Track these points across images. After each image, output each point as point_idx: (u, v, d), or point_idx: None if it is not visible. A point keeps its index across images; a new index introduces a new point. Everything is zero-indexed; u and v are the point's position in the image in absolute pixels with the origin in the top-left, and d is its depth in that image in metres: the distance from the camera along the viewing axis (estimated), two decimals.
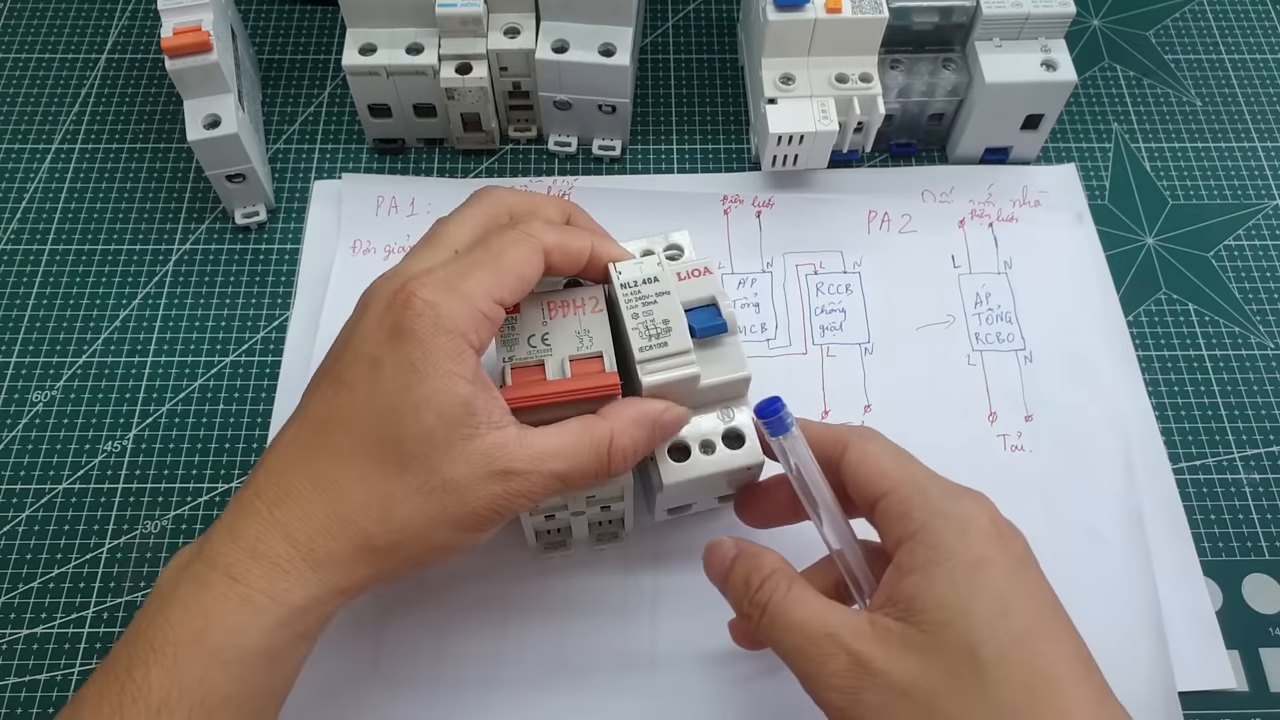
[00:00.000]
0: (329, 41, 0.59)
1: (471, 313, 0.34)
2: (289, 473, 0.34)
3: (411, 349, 0.34)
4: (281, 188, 0.54)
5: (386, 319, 0.34)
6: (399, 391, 0.34)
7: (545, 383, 0.37)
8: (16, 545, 0.44)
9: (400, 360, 0.34)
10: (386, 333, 0.34)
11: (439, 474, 0.34)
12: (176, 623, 0.32)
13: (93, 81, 0.57)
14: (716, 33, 0.59)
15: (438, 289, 0.34)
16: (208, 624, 0.32)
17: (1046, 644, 0.31)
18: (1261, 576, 0.44)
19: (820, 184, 0.53)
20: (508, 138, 0.55)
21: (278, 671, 0.33)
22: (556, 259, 0.37)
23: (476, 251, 0.36)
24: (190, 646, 0.31)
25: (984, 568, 0.32)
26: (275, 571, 0.33)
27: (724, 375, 0.38)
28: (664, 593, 0.43)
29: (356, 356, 0.35)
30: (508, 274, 0.36)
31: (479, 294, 0.35)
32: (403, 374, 0.34)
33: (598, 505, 0.40)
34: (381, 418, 0.34)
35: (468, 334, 0.34)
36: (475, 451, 0.34)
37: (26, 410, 0.48)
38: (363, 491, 0.34)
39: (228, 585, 0.32)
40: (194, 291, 0.51)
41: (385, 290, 0.35)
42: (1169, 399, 0.48)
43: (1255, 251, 0.52)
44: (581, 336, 0.38)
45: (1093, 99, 0.57)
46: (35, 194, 0.54)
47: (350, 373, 0.35)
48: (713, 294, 0.39)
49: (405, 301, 0.34)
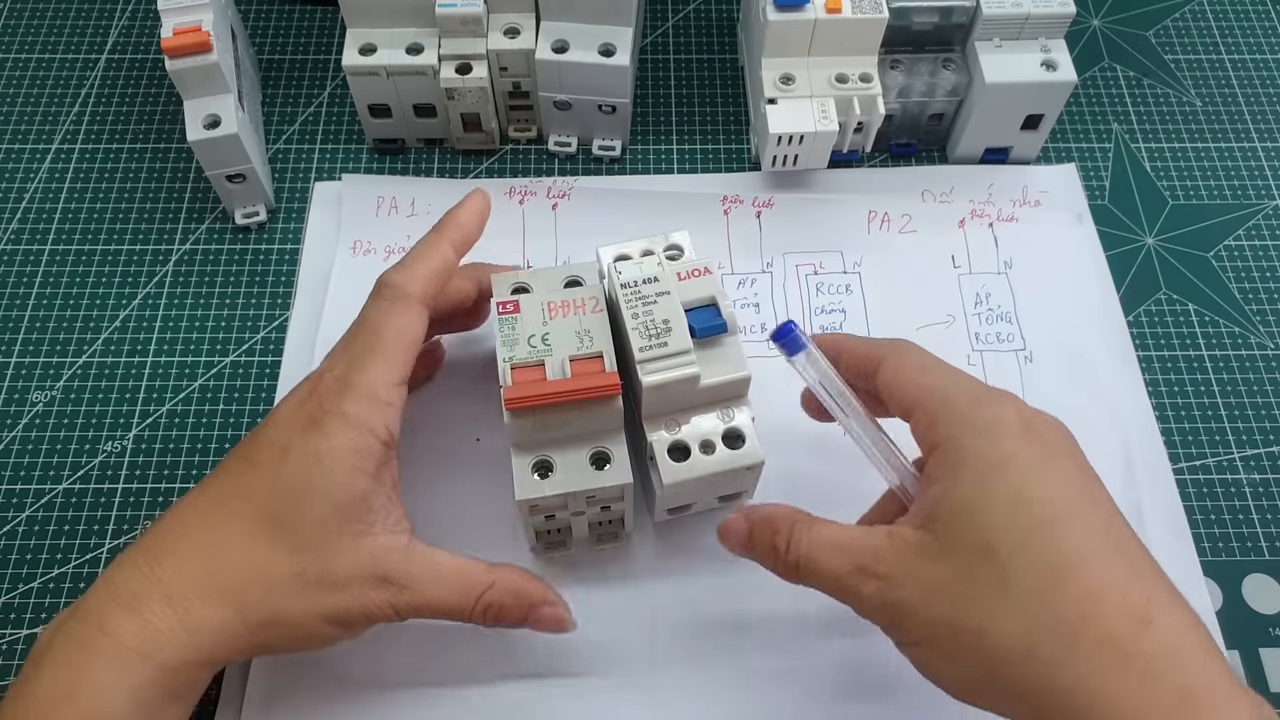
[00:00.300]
0: (329, 41, 0.59)
1: (375, 405, 0.36)
2: (178, 536, 0.35)
3: (320, 442, 0.35)
4: (281, 188, 0.54)
5: (300, 413, 0.36)
6: (302, 477, 0.35)
7: (546, 383, 0.37)
8: (16, 545, 0.44)
9: (307, 449, 0.35)
10: (300, 425, 0.36)
11: (321, 564, 0.35)
12: (48, 681, 0.32)
13: (93, 81, 0.58)
14: (716, 33, 0.59)
15: (341, 388, 0.36)
16: (78, 683, 0.32)
17: (1072, 527, 0.31)
18: (1261, 576, 0.44)
19: (820, 184, 0.53)
20: (508, 138, 0.55)
21: None
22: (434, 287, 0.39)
23: (360, 339, 0.38)
24: (62, 705, 0.32)
25: (1006, 465, 0.32)
26: (148, 629, 0.33)
27: (724, 375, 0.38)
28: (664, 592, 0.43)
29: (269, 442, 0.36)
30: (394, 352, 0.37)
31: (378, 385, 0.36)
32: (308, 462, 0.35)
33: (598, 505, 0.40)
34: (281, 499, 0.35)
35: (375, 428, 0.36)
36: (363, 550, 0.35)
37: (26, 410, 0.48)
38: (247, 566, 0.35)
39: (99, 640, 0.33)
40: (194, 291, 0.51)
41: (304, 386, 0.37)
42: (1169, 399, 0.48)
43: (1255, 251, 0.52)
44: (582, 336, 0.38)
45: (1093, 99, 0.57)
46: (35, 194, 0.54)
47: (260, 455, 0.36)
48: (713, 294, 0.39)
49: (318, 402, 0.36)
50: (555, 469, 0.38)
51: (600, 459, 0.39)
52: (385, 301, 0.38)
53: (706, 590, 0.42)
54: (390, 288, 0.38)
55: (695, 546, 0.44)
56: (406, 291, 0.38)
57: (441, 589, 0.36)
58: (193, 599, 0.34)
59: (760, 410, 0.40)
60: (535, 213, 0.52)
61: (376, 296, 0.38)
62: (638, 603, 0.42)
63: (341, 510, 0.35)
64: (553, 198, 0.52)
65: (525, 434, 0.38)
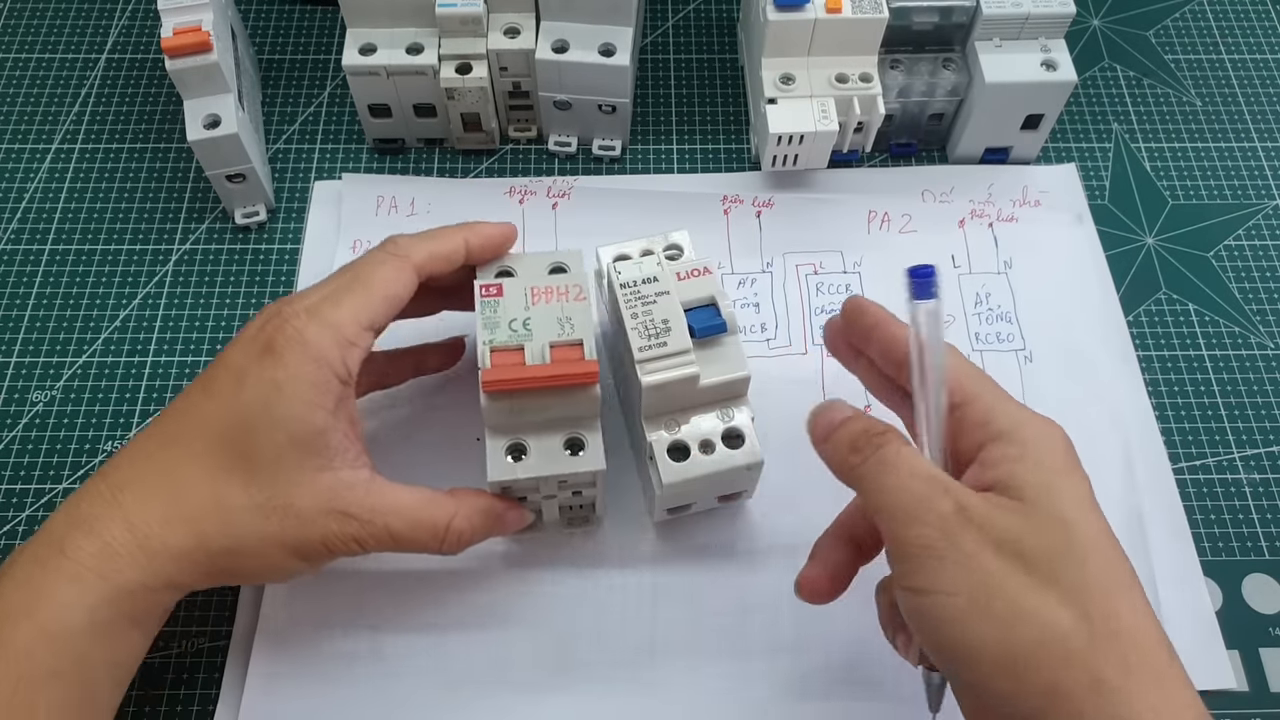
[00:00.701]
0: (329, 41, 0.59)
1: (338, 341, 0.36)
2: (138, 464, 0.36)
3: (277, 370, 0.35)
4: (281, 188, 0.54)
5: (260, 337, 0.36)
6: (259, 407, 0.35)
7: (524, 367, 0.37)
8: (17, 545, 0.44)
9: (264, 378, 0.35)
10: (257, 350, 0.36)
11: (282, 496, 0.35)
12: (7, 597, 0.33)
13: (93, 81, 0.57)
14: (716, 33, 0.59)
15: (307, 317, 0.36)
16: (37, 599, 0.33)
17: (1118, 553, 0.31)
18: (1261, 576, 0.44)
19: (820, 184, 0.53)
20: (508, 138, 0.55)
21: (108, 651, 0.34)
22: (434, 265, 0.39)
23: (346, 275, 0.38)
24: (19, 621, 0.32)
25: (1068, 475, 0.32)
26: (106, 552, 0.33)
27: (724, 375, 0.38)
28: (664, 592, 0.43)
29: (225, 368, 0.36)
30: (376, 296, 0.37)
31: (347, 321, 0.36)
32: (264, 391, 0.35)
33: (569, 490, 0.40)
34: (237, 428, 0.35)
35: (334, 364, 0.36)
36: (322, 485, 0.35)
37: (26, 410, 0.48)
38: (206, 494, 0.35)
39: (59, 561, 0.33)
40: (194, 291, 0.51)
41: (266, 311, 0.37)
42: (1169, 399, 0.48)
43: (1255, 251, 0.52)
44: (563, 323, 0.38)
45: (1093, 99, 0.57)
46: (35, 194, 0.54)
47: (216, 383, 0.36)
48: (712, 294, 0.39)
49: (278, 326, 0.36)
50: (529, 452, 0.38)
51: (575, 444, 0.39)
52: (383, 254, 0.38)
53: (707, 589, 0.42)
54: (394, 244, 0.39)
55: (696, 545, 0.44)
56: (408, 253, 0.38)
57: (403, 522, 0.36)
58: (153, 525, 0.34)
59: (760, 410, 0.40)
60: (535, 212, 0.52)
61: (377, 249, 0.39)
62: (638, 602, 0.42)
63: (299, 443, 0.35)
64: (553, 197, 0.52)
65: (502, 417, 0.38)
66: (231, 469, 0.35)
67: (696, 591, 0.43)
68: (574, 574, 0.43)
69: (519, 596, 0.42)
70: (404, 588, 0.42)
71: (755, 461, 0.39)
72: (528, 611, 0.42)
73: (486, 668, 0.41)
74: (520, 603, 0.42)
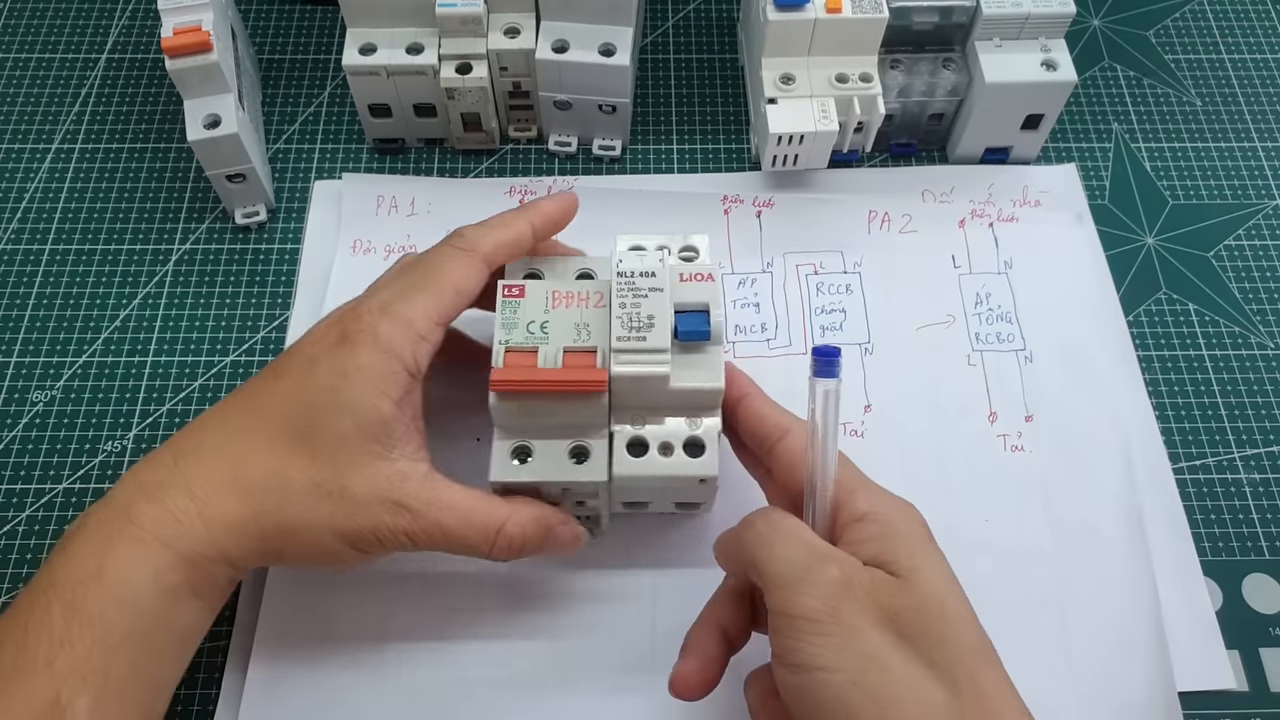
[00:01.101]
0: (329, 41, 0.59)
1: (410, 336, 0.37)
2: (202, 436, 0.36)
3: (348, 359, 0.36)
4: (281, 188, 0.54)
5: (334, 330, 0.37)
6: (327, 391, 0.36)
7: (535, 370, 0.37)
8: (16, 545, 0.44)
9: (335, 365, 0.36)
10: (331, 341, 0.37)
11: (339, 480, 0.35)
12: (77, 561, 0.33)
13: (93, 81, 0.57)
14: (716, 33, 0.59)
15: (380, 313, 0.37)
16: (105, 563, 0.33)
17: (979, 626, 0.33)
18: (1261, 576, 0.44)
19: (820, 184, 0.53)
20: (508, 138, 0.55)
21: (172, 616, 0.34)
22: (502, 255, 0.39)
23: (416, 271, 0.38)
24: (90, 583, 0.33)
25: (932, 552, 0.34)
26: (168, 518, 0.34)
27: (696, 382, 0.38)
28: (664, 593, 0.43)
29: (298, 355, 0.37)
30: (446, 293, 0.38)
31: (418, 317, 0.37)
32: (334, 378, 0.36)
33: (574, 499, 0.40)
34: (304, 409, 0.36)
35: (404, 357, 0.36)
36: (380, 474, 0.36)
37: (26, 410, 0.48)
38: (267, 469, 0.35)
39: (124, 526, 0.34)
40: (194, 291, 0.51)
41: (341, 309, 0.38)
42: (1169, 399, 0.48)
43: (1255, 251, 0.52)
44: (580, 329, 0.38)
45: (1093, 99, 0.57)
46: (35, 194, 0.54)
47: (287, 367, 0.37)
48: (708, 301, 0.39)
49: (353, 320, 0.37)
50: (534, 456, 0.38)
51: (580, 452, 0.38)
52: (452, 248, 0.39)
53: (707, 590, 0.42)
54: (462, 238, 0.39)
55: (696, 544, 0.44)
56: (476, 246, 0.39)
57: (457, 519, 0.36)
58: (212, 494, 0.35)
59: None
60: None
61: (445, 243, 0.39)
62: (638, 603, 0.42)
63: (362, 429, 0.35)
64: None
65: (509, 418, 0.38)
66: (294, 447, 0.36)
67: (697, 591, 0.42)
68: (574, 577, 0.43)
69: (519, 600, 0.42)
70: (404, 590, 0.42)
71: (709, 475, 0.38)
72: (528, 615, 0.42)
73: (487, 670, 0.41)
74: (520, 606, 0.42)
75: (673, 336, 0.38)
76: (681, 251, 0.42)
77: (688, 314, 0.38)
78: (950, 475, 0.45)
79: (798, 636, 0.31)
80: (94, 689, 0.31)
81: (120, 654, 0.32)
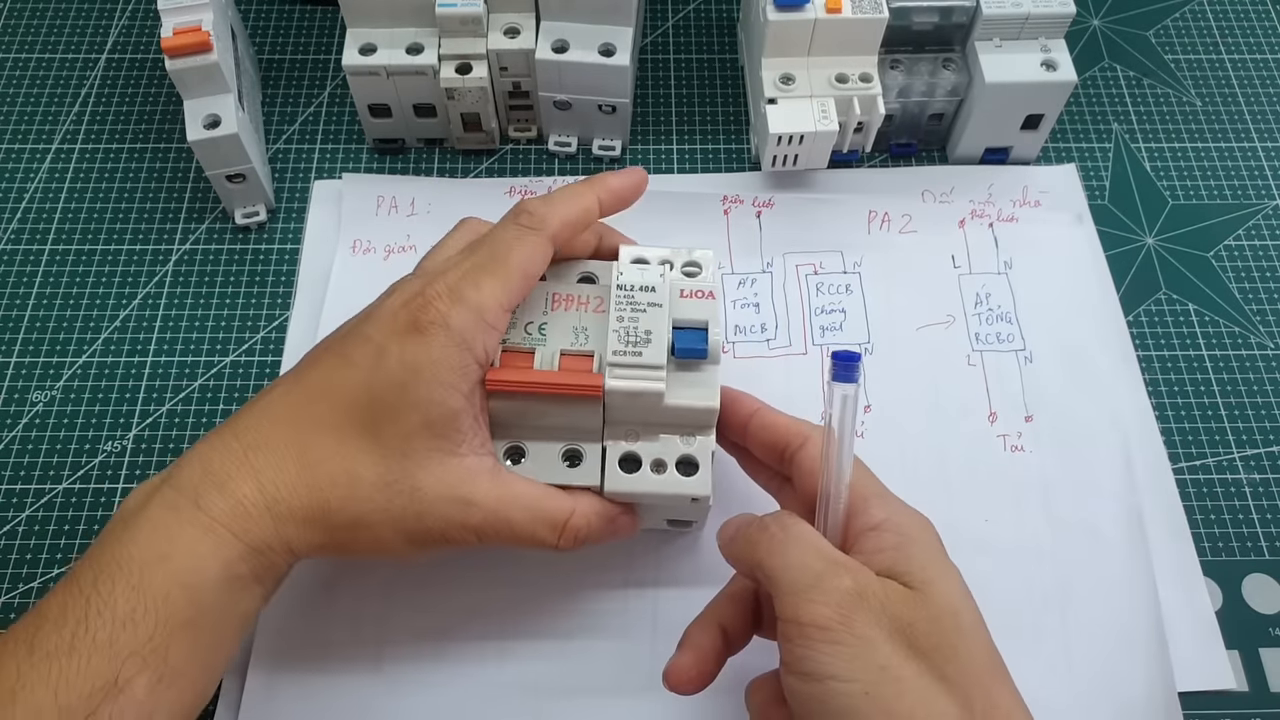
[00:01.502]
0: (329, 41, 0.59)
1: (480, 325, 0.36)
2: (271, 426, 0.36)
3: (419, 351, 0.35)
4: (281, 188, 0.54)
5: (402, 314, 0.36)
6: (396, 387, 0.35)
7: (530, 371, 0.37)
8: (16, 545, 0.44)
9: (406, 358, 0.35)
10: (400, 328, 0.35)
11: (409, 478, 0.35)
12: (143, 542, 0.33)
13: (93, 81, 0.57)
14: (716, 33, 0.59)
15: (450, 299, 0.35)
16: (173, 547, 0.33)
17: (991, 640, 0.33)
18: (1261, 576, 0.44)
19: (820, 184, 0.53)
20: (508, 138, 0.55)
21: (235, 603, 0.34)
22: (568, 233, 0.39)
23: (483, 251, 0.37)
24: (156, 566, 0.32)
25: (946, 564, 0.33)
26: (239, 510, 0.34)
27: (691, 401, 0.38)
28: (665, 595, 0.43)
29: (365, 340, 0.36)
30: (515, 277, 0.37)
31: (489, 305, 0.36)
32: (404, 371, 0.35)
33: None
34: (374, 404, 0.35)
35: (475, 348, 0.35)
36: (449, 470, 0.35)
37: (26, 410, 0.48)
38: (335, 465, 0.35)
39: (194, 513, 0.33)
40: (194, 291, 0.51)
41: (409, 287, 0.37)
42: (1169, 399, 0.48)
43: (1255, 251, 0.52)
44: (578, 332, 0.38)
45: (1093, 99, 0.57)
46: (35, 194, 0.54)
47: (356, 353, 0.36)
48: (707, 319, 0.38)
49: (422, 306, 0.35)
50: (527, 457, 0.38)
51: (573, 456, 0.38)
52: (519, 227, 0.38)
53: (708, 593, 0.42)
54: (529, 215, 0.38)
55: (697, 548, 0.44)
56: (544, 223, 0.38)
57: (525, 514, 0.36)
58: (282, 488, 0.34)
59: None
60: None
61: (511, 221, 0.38)
62: (639, 606, 0.42)
63: (432, 426, 0.35)
64: None
65: (505, 417, 0.38)
66: (362, 442, 0.35)
67: (698, 596, 0.42)
68: (574, 581, 0.43)
69: (519, 604, 0.42)
70: (403, 594, 0.42)
71: (702, 495, 0.38)
72: (528, 619, 0.42)
73: (485, 675, 0.41)
74: (520, 610, 0.42)
75: (669, 353, 0.38)
76: (685, 266, 0.41)
77: (686, 331, 0.38)
78: (950, 475, 0.45)
79: (809, 644, 0.31)
80: (153, 670, 0.31)
81: (181, 637, 0.32)
